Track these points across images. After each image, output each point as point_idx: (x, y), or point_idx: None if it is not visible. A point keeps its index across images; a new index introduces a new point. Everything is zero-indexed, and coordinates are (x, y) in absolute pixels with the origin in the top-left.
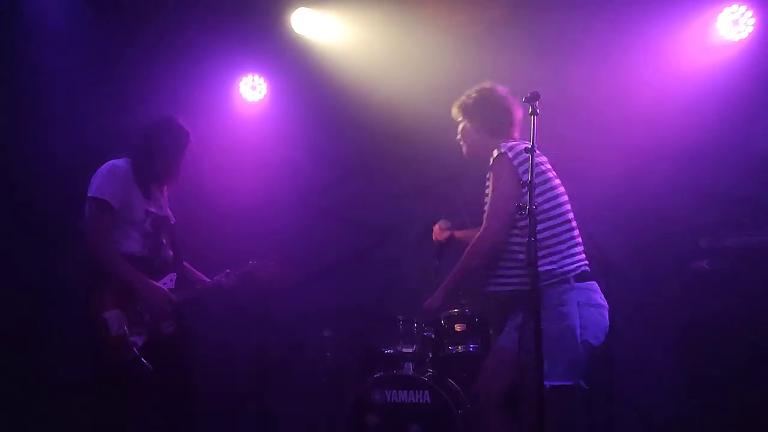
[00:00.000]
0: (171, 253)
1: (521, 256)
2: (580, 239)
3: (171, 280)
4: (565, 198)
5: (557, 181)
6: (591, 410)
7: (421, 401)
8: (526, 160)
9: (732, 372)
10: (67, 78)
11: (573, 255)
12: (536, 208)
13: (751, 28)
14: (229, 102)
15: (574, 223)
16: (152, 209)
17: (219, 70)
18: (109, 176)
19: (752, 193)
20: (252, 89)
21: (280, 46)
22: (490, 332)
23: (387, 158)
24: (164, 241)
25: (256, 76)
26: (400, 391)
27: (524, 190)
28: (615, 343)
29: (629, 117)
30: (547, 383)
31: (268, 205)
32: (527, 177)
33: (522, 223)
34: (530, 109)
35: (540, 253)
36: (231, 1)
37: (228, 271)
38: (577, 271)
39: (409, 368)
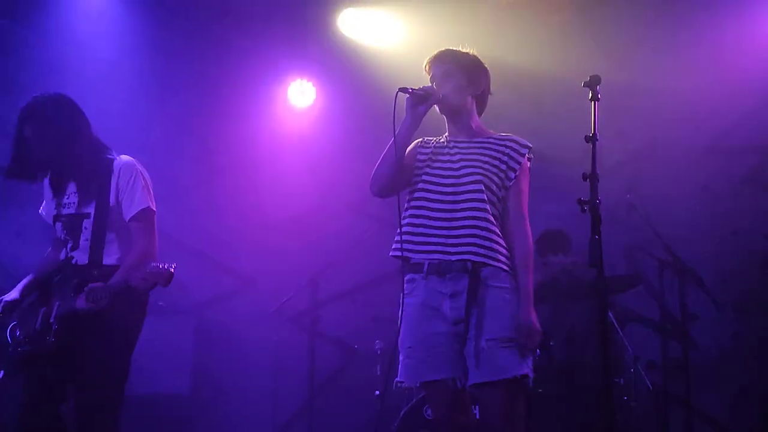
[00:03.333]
0: None
1: None
2: None
3: None
4: None
5: None
6: (668, 424)
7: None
8: None
9: None
10: (114, 84)
11: None
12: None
13: None
14: (278, 108)
15: None
16: None
17: (267, 76)
18: None
19: None
20: (301, 94)
21: (328, 50)
22: (551, 343)
23: None
24: None
25: (305, 81)
26: None
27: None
28: (692, 353)
29: (702, 109)
30: None
31: (319, 212)
32: None
33: None
34: (590, 95)
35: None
36: (278, 6)
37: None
38: None
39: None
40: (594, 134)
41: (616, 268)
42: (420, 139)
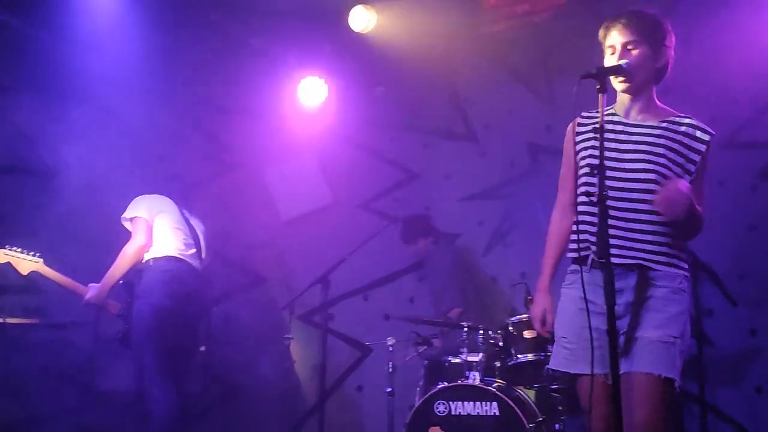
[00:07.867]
0: None
1: None
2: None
3: None
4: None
5: None
6: (683, 421)
7: (488, 413)
8: None
9: None
10: (124, 82)
11: None
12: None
13: None
14: (289, 105)
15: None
16: None
17: (278, 73)
18: None
19: None
20: (312, 92)
21: (339, 47)
22: None
23: (452, 159)
24: None
25: (316, 78)
26: (465, 403)
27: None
28: (707, 350)
29: (718, 103)
30: None
31: (330, 210)
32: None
33: None
34: (598, 86)
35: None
36: (289, 2)
37: None
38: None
39: (475, 378)
40: (602, 126)
41: None
42: (576, 119)
